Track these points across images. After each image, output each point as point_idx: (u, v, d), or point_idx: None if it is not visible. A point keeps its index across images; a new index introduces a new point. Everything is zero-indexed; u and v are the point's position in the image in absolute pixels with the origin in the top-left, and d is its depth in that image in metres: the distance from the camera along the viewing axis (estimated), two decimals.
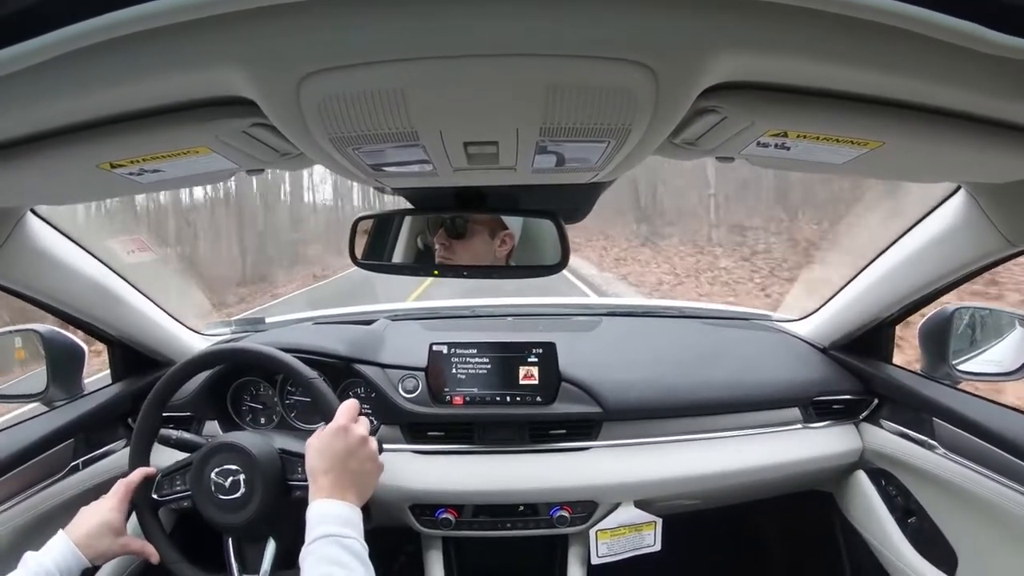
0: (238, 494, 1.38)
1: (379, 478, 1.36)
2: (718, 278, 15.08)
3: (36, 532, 1.52)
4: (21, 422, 1.62)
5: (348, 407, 1.37)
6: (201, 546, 1.58)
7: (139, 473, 1.46)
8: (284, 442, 1.47)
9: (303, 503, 1.32)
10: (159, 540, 1.45)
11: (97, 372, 2.13)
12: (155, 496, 1.47)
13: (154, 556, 1.43)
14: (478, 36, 0.56)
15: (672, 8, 0.55)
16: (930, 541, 1.65)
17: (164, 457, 1.59)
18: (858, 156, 0.91)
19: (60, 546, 1.26)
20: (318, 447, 1.29)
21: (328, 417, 1.37)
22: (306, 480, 1.33)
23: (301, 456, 1.37)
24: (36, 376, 1.76)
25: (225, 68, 0.62)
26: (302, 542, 1.17)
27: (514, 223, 1.43)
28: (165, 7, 0.50)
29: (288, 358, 1.52)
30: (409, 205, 1.43)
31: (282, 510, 1.39)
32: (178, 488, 1.46)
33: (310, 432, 1.75)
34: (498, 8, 0.54)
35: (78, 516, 1.35)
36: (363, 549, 1.16)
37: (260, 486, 1.38)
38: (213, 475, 1.39)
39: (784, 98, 0.75)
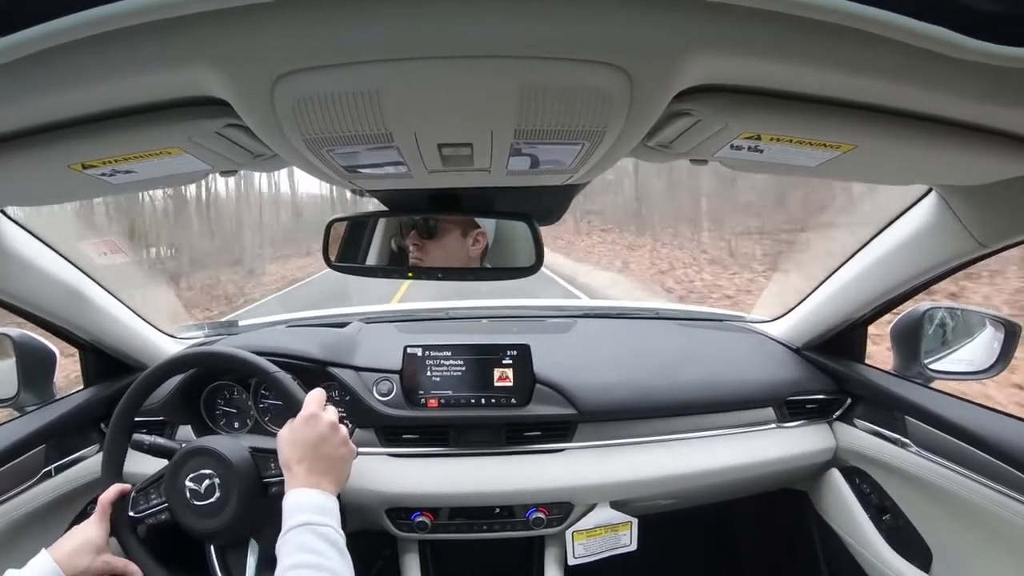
0: (214, 498, 1.35)
1: (352, 463, 1.35)
2: None
3: (9, 539, 1.49)
4: None
5: (315, 395, 1.36)
6: (185, 559, 1.56)
7: (114, 489, 1.42)
8: (255, 440, 1.45)
9: (280, 499, 1.31)
10: (140, 558, 1.42)
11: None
12: (132, 513, 1.44)
13: (137, 574, 1.40)
14: (452, 38, 0.56)
15: (646, 11, 0.54)
16: (905, 538, 1.66)
17: (138, 463, 1.57)
18: (831, 159, 0.91)
19: (41, 564, 1.24)
20: (290, 438, 1.28)
21: (296, 409, 1.35)
22: (281, 475, 1.31)
23: (273, 452, 1.35)
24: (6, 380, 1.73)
25: (198, 68, 0.61)
26: None
27: (488, 223, 1.42)
28: (137, 6, 0.48)
29: (250, 356, 1.50)
30: (383, 207, 1.42)
31: (260, 510, 1.37)
32: (154, 501, 1.43)
33: None
34: (472, 10, 0.53)
35: (63, 536, 1.32)
36: (339, 537, 1.15)
37: (235, 488, 1.35)
38: (187, 482, 1.37)
39: (758, 101, 0.75)
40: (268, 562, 1.37)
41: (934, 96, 0.69)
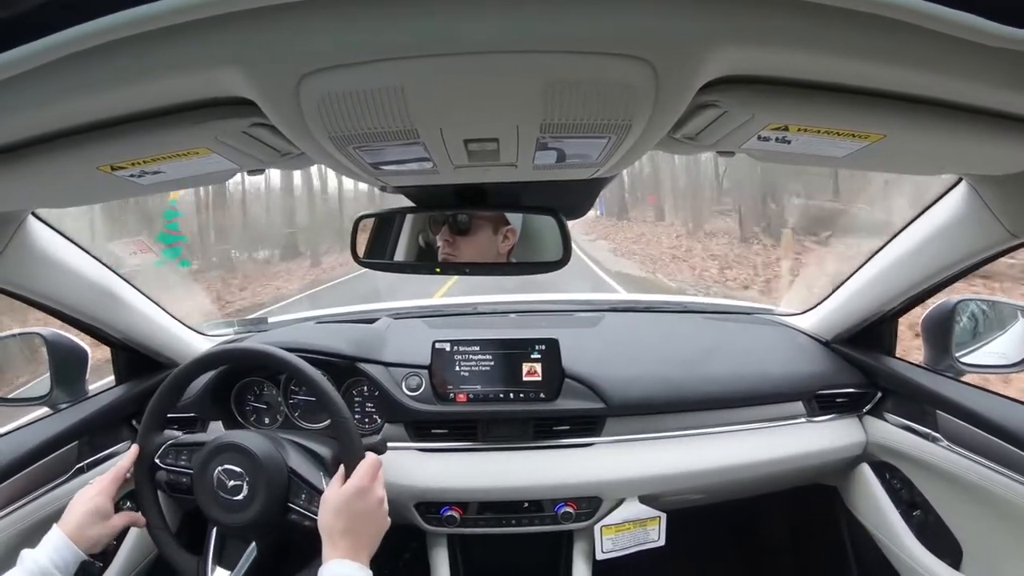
0: (238, 497, 1.39)
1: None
2: None
3: (40, 536, 1.52)
4: (26, 425, 1.63)
5: (371, 466, 1.35)
6: (188, 525, 1.59)
7: (131, 455, 1.46)
8: (298, 463, 1.45)
9: (294, 527, 1.36)
10: (149, 504, 1.47)
11: None
12: (157, 460, 1.49)
13: (141, 522, 1.45)
14: (476, 33, 0.57)
15: (671, 2, 0.55)
16: (935, 534, 1.66)
17: None
18: (859, 149, 0.91)
19: (54, 540, 1.27)
20: (337, 506, 1.28)
21: (349, 461, 1.37)
22: (306, 509, 1.36)
23: (311, 486, 1.39)
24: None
25: (224, 69, 0.63)
26: (284, 560, 1.17)
27: (514, 218, 1.45)
28: (164, 9, 0.50)
29: (328, 387, 1.48)
30: (410, 203, 1.44)
31: (273, 523, 1.40)
32: (182, 463, 1.48)
33: (313, 432, 1.77)
34: (496, 5, 0.55)
35: (68, 507, 1.35)
36: None
37: (261, 497, 1.38)
38: (217, 471, 1.40)
39: (784, 91, 0.75)
40: (258, 568, 1.41)
41: (964, 84, 0.69)
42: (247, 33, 0.57)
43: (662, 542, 1.84)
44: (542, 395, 1.78)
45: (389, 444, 1.60)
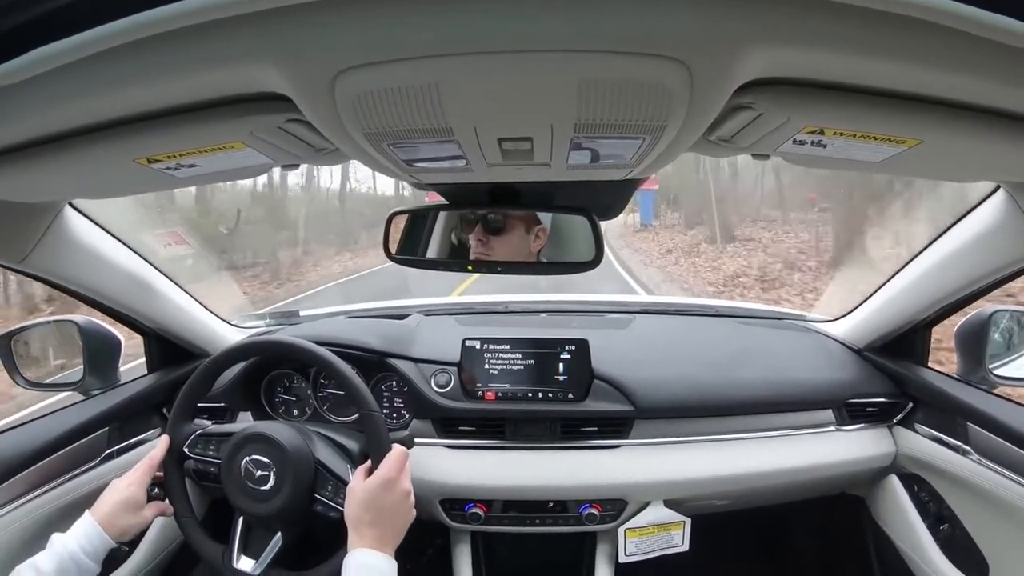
0: (265, 487, 1.43)
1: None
2: None
3: (69, 518, 1.56)
4: (58, 410, 1.67)
5: (399, 457, 1.37)
6: (214, 513, 1.62)
7: (163, 446, 1.51)
8: (325, 455, 1.49)
9: (320, 518, 1.40)
10: (177, 492, 1.51)
11: None
12: (185, 449, 1.53)
13: (170, 511, 1.49)
14: (512, 32, 0.58)
15: (706, 3, 0.56)
16: (961, 549, 1.66)
17: None
18: (896, 154, 0.90)
19: (85, 527, 1.31)
20: (364, 498, 1.30)
21: (376, 453, 1.40)
22: (332, 498, 1.40)
23: (337, 478, 1.43)
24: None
25: (260, 65, 0.64)
26: (307, 548, 1.19)
27: (544, 218, 1.46)
28: (201, 4, 0.52)
29: (358, 380, 1.52)
30: (443, 200, 1.45)
31: (299, 513, 1.44)
32: (210, 452, 1.52)
33: (342, 425, 1.79)
34: (532, 4, 0.55)
35: (102, 496, 1.39)
36: None
37: (288, 487, 1.42)
38: (245, 461, 1.44)
39: (821, 94, 0.75)
40: (282, 557, 1.45)
41: (1002, 89, 0.69)
42: (283, 30, 0.58)
43: (686, 547, 1.86)
44: (571, 395, 1.80)
45: (416, 440, 1.62)
